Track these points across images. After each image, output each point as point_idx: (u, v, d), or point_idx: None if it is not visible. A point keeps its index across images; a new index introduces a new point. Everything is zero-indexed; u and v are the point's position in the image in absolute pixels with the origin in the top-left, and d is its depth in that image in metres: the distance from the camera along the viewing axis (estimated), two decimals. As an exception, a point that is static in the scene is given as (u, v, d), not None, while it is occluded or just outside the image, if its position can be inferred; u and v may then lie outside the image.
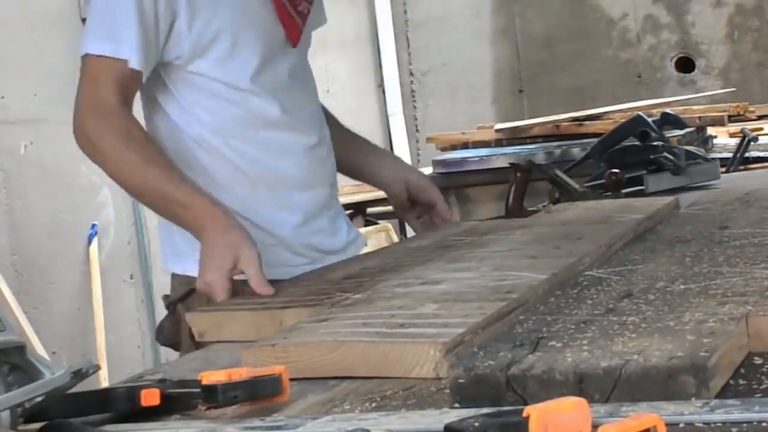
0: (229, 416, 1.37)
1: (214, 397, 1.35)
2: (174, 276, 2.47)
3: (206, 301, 2.26)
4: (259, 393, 1.37)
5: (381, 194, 2.68)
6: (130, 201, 5.27)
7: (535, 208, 3.14)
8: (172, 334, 2.37)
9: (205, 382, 1.36)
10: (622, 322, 1.45)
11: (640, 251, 1.97)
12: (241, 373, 1.38)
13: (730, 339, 1.33)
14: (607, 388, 1.24)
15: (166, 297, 2.47)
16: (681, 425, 1.15)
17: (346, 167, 2.73)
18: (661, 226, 2.25)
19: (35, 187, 4.82)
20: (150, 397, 1.39)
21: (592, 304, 1.58)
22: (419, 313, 1.64)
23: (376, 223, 6.83)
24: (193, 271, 2.25)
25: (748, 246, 1.88)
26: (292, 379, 1.41)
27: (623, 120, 4.02)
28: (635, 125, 3.50)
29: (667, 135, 3.75)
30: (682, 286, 1.62)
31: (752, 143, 4.20)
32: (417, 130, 8.08)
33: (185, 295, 2.36)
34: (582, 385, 1.25)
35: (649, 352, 1.29)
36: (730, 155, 4.17)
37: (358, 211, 6.85)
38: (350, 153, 2.71)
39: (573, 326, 1.45)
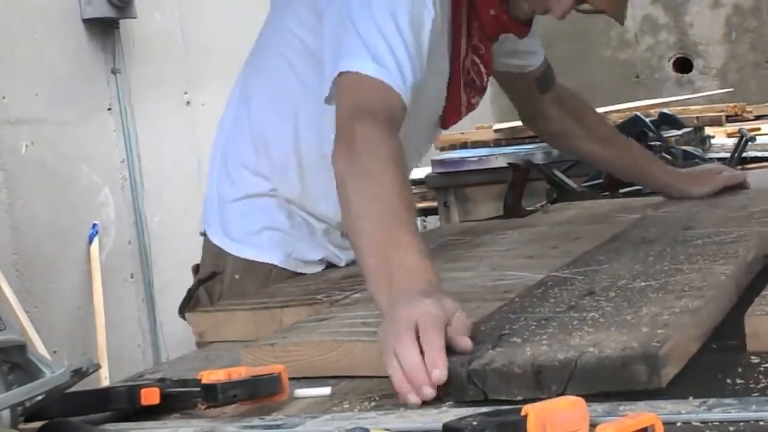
0: (228, 415, 1.37)
1: (213, 396, 1.36)
2: (206, 245, 2.36)
3: (229, 288, 2.26)
4: (258, 392, 1.38)
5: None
6: (131, 201, 5.27)
7: (533, 208, 3.14)
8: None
9: (204, 381, 1.37)
10: (582, 318, 1.47)
11: (606, 252, 1.98)
12: (240, 372, 1.39)
13: (682, 329, 1.36)
14: (563, 378, 1.26)
15: (196, 267, 2.39)
16: (678, 424, 1.15)
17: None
18: (629, 228, 2.26)
19: (36, 187, 4.81)
20: (150, 396, 1.40)
21: (554, 303, 1.59)
22: None
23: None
24: (224, 243, 2.27)
25: (710, 244, 1.90)
26: (291, 378, 1.42)
27: (621, 120, 4.03)
28: (633, 125, 3.51)
29: (665, 135, 3.76)
30: (642, 284, 1.64)
31: (750, 143, 4.20)
32: (416, 130, 8.08)
33: (208, 277, 2.30)
34: (539, 376, 1.27)
35: (604, 344, 1.32)
36: (728, 155, 4.17)
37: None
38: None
39: (535, 323, 1.47)
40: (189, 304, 2.31)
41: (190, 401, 1.40)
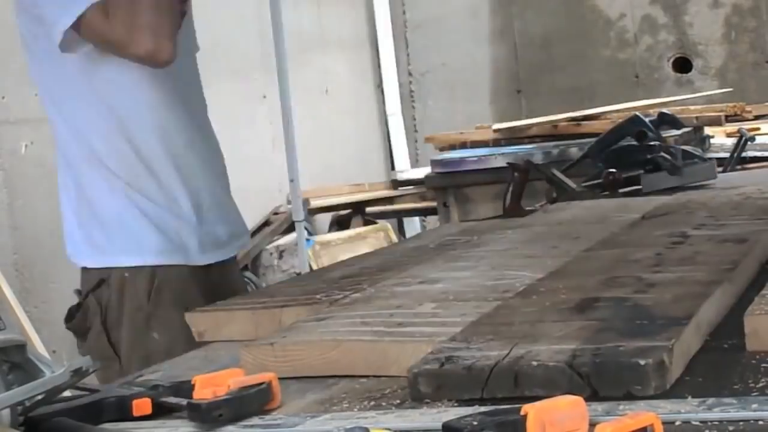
0: (228, 415, 1.37)
1: (198, 416, 1.35)
2: (85, 270, 2.54)
3: (118, 290, 2.44)
4: (245, 410, 1.35)
5: (380, 194, 2.68)
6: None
7: (532, 208, 3.15)
8: (80, 322, 2.51)
9: (195, 396, 1.36)
10: (584, 319, 1.47)
11: (604, 252, 1.99)
12: (231, 379, 1.36)
13: (683, 333, 1.36)
14: (564, 381, 1.27)
15: (78, 291, 2.58)
16: (678, 423, 1.15)
17: None
18: (629, 227, 2.26)
19: (36, 187, 4.81)
20: (142, 407, 1.39)
21: (550, 305, 1.59)
22: (418, 312, 1.65)
23: (375, 223, 6.83)
24: (107, 263, 2.45)
25: (709, 245, 1.92)
26: (289, 378, 1.42)
27: (621, 120, 4.02)
28: (632, 125, 3.51)
29: (665, 135, 3.76)
30: (642, 284, 1.64)
31: (749, 143, 4.20)
32: (415, 130, 8.09)
33: (96, 285, 2.47)
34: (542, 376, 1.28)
35: (606, 347, 1.31)
36: (727, 155, 4.17)
37: (357, 210, 6.86)
38: None
39: (533, 324, 1.47)
40: (77, 314, 2.51)
41: (182, 412, 1.39)
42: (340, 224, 6.93)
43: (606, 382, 1.25)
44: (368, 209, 6.82)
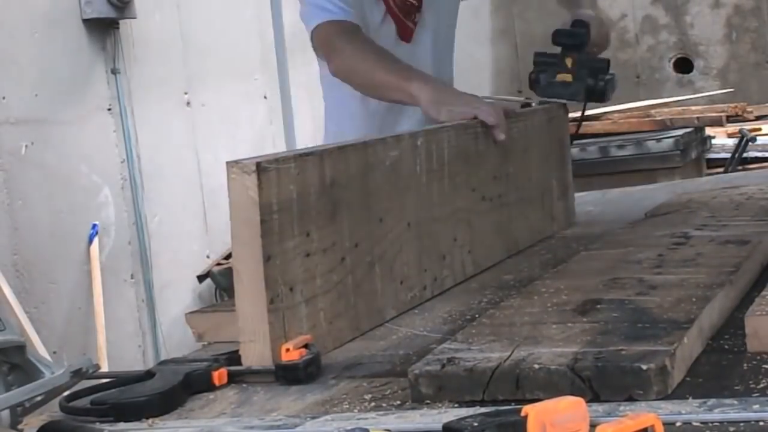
0: (228, 415, 1.37)
1: (294, 375, 1.49)
2: None
3: None
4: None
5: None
6: (131, 201, 5.27)
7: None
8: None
9: (284, 358, 1.49)
10: (588, 321, 1.47)
11: (607, 254, 1.99)
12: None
13: (686, 336, 1.36)
14: (567, 382, 1.26)
15: None
16: (678, 424, 1.15)
17: None
18: (630, 230, 2.27)
19: (36, 188, 4.81)
20: (221, 378, 1.51)
21: (555, 306, 1.60)
22: None
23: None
24: None
25: (711, 247, 1.92)
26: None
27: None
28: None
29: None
30: (645, 287, 1.64)
31: (750, 143, 4.21)
32: (416, 131, 8.07)
33: None
34: (545, 379, 1.28)
35: (609, 350, 1.31)
36: (729, 155, 4.18)
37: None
38: None
39: (540, 325, 1.47)
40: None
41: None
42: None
43: (608, 386, 1.25)
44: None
